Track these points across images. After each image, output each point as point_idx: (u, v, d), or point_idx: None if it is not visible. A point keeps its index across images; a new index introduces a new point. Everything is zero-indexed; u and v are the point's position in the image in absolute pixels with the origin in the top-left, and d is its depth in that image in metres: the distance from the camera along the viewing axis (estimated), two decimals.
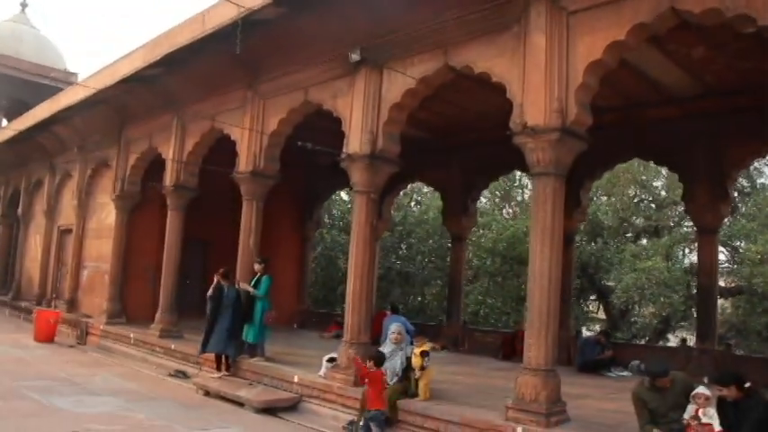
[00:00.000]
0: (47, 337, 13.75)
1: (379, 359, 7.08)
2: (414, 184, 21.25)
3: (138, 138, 13.71)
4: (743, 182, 22.13)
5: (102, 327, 13.59)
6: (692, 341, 11.79)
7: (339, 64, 8.99)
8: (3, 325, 16.63)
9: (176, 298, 12.30)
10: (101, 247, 15.02)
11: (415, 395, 7.30)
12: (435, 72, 7.89)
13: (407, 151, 15.09)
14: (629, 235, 22.16)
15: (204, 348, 9.64)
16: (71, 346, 13.64)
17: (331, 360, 8.38)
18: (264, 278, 9.97)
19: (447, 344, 13.41)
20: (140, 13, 58.71)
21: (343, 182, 18.16)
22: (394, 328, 7.65)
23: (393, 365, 7.43)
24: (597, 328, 20.77)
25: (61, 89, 22.45)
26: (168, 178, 12.36)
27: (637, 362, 11.16)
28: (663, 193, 22.20)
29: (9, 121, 24.77)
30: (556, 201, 6.61)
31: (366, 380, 6.97)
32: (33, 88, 26.05)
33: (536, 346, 6.41)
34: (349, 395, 7.75)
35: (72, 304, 15.73)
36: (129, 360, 11.94)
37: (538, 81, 6.71)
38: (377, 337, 13.60)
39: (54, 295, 17.12)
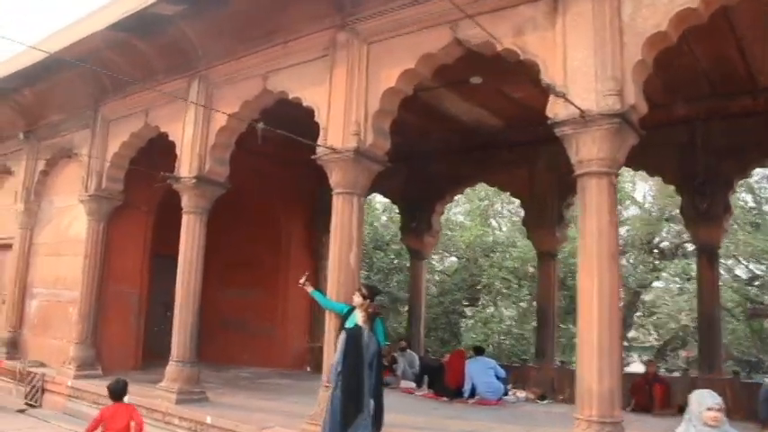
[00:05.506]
0: None
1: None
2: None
3: (125, 115, 9.74)
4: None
5: (69, 382, 9.43)
6: None
7: None
8: None
9: (195, 342, 8.47)
10: (60, 268, 10.80)
11: None
12: None
13: (470, 144, 12.21)
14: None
15: None
16: (20, 411, 9.43)
17: None
18: (378, 321, 6.43)
19: (545, 390, 10.32)
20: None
21: None
22: (709, 401, 4.43)
23: None
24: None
25: None
26: (185, 167, 8.52)
27: None
28: None
29: None
30: None
31: None
32: None
33: None
34: None
35: (13, 347, 11.30)
36: None
37: None
38: (457, 387, 10.39)
39: None
